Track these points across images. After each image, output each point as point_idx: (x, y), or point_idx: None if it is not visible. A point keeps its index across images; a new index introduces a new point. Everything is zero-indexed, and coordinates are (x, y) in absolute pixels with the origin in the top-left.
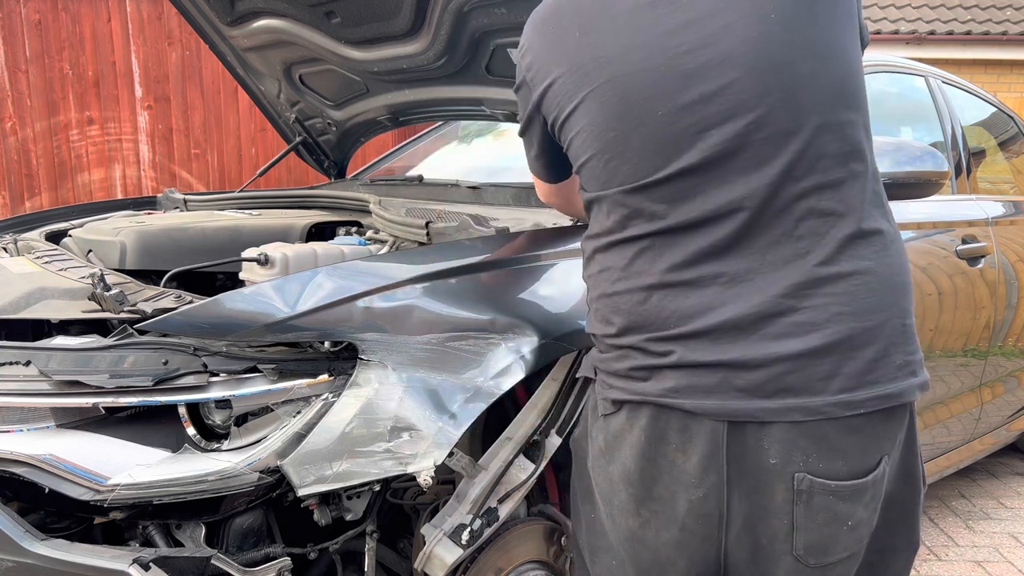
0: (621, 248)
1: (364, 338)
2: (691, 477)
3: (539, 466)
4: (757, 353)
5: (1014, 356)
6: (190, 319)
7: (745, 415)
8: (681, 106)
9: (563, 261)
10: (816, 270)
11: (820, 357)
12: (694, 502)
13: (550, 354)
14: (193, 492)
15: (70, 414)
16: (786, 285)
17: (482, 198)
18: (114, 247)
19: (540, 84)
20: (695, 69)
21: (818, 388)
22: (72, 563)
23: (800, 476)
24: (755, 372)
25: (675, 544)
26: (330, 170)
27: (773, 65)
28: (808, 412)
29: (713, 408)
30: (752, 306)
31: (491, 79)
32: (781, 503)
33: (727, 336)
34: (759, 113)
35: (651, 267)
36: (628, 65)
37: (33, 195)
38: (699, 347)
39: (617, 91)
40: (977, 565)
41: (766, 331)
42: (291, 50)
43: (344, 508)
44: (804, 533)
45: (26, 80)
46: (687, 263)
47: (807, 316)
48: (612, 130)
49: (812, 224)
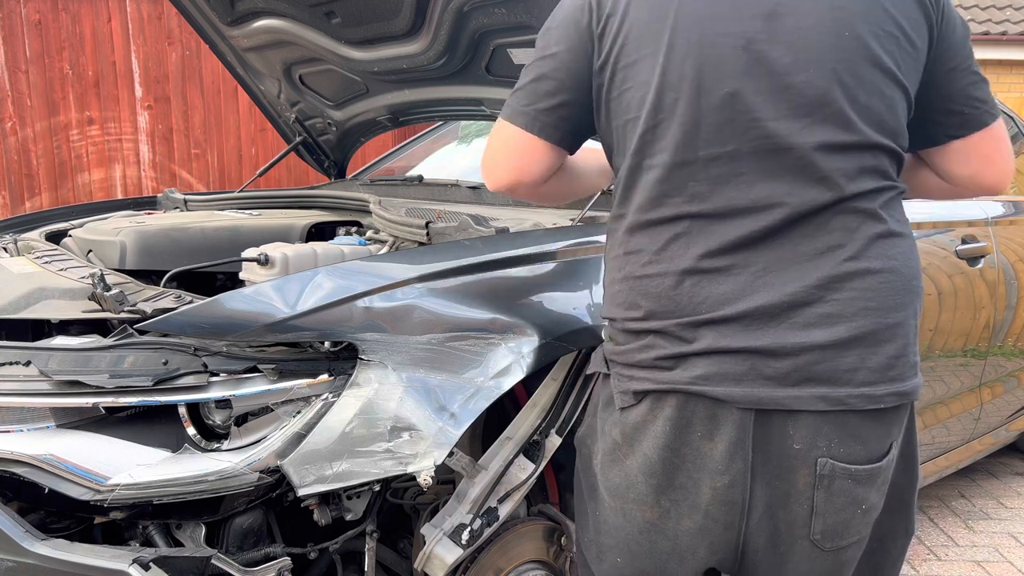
0: (654, 230)
1: (364, 338)
2: (717, 464)
3: (539, 466)
4: (786, 341)
5: (1014, 356)
6: (190, 319)
7: (773, 403)
8: (748, 91)
9: (563, 261)
10: (846, 264)
11: (846, 349)
12: (719, 489)
13: (550, 354)
14: (193, 492)
15: (70, 414)
16: (817, 277)
17: (482, 198)
18: (114, 247)
19: (612, 13)
20: (770, 60)
21: (843, 379)
22: (72, 563)
23: (823, 461)
24: (783, 360)
25: (697, 532)
26: (330, 170)
27: (839, 80)
28: (832, 402)
29: (742, 395)
30: (784, 295)
31: (491, 79)
32: (803, 488)
33: (757, 323)
34: (815, 118)
35: (685, 252)
36: (710, 35)
37: (33, 195)
38: (729, 333)
39: (692, 54)
40: (977, 565)
41: (795, 320)
42: (291, 50)
43: (344, 508)
44: (823, 517)
45: (26, 80)
46: (722, 250)
47: (835, 308)
48: (675, 92)
49: (845, 220)
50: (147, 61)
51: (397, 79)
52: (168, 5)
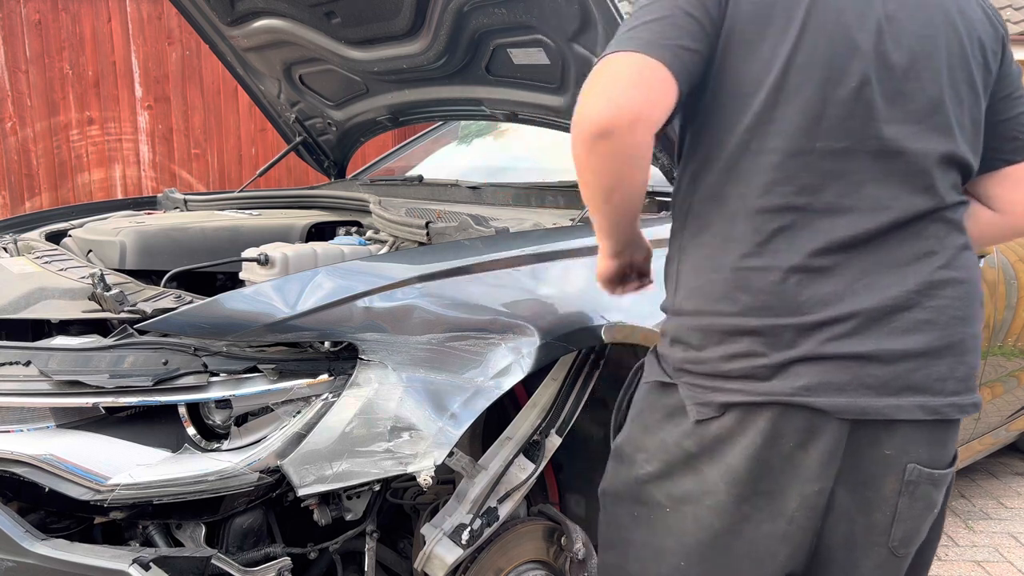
0: (758, 218)
1: (364, 338)
2: (809, 472)
3: (539, 466)
4: (888, 347)
5: (1014, 356)
6: (190, 319)
7: (875, 413)
8: (873, 88)
9: (563, 261)
10: (939, 272)
11: (938, 357)
12: (808, 496)
13: (550, 354)
14: (193, 492)
15: (70, 414)
16: (915, 282)
17: (482, 198)
18: (114, 247)
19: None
20: (892, 60)
21: (936, 388)
22: (72, 563)
23: (911, 467)
24: (883, 368)
25: (780, 537)
26: (330, 170)
27: (947, 92)
28: (929, 411)
29: (845, 406)
30: (886, 298)
31: (491, 79)
32: (889, 495)
33: (862, 327)
34: (925, 126)
35: (791, 246)
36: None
37: (33, 195)
38: (833, 337)
39: (824, 40)
40: (977, 565)
41: (896, 325)
42: (291, 50)
43: (344, 508)
44: (903, 524)
45: (26, 80)
46: (828, 249)
47: (930, 314)
48: (802, 75)
49: (937, 229)
50: (147, 61)
51: (397, 79)
52: (168, 5)
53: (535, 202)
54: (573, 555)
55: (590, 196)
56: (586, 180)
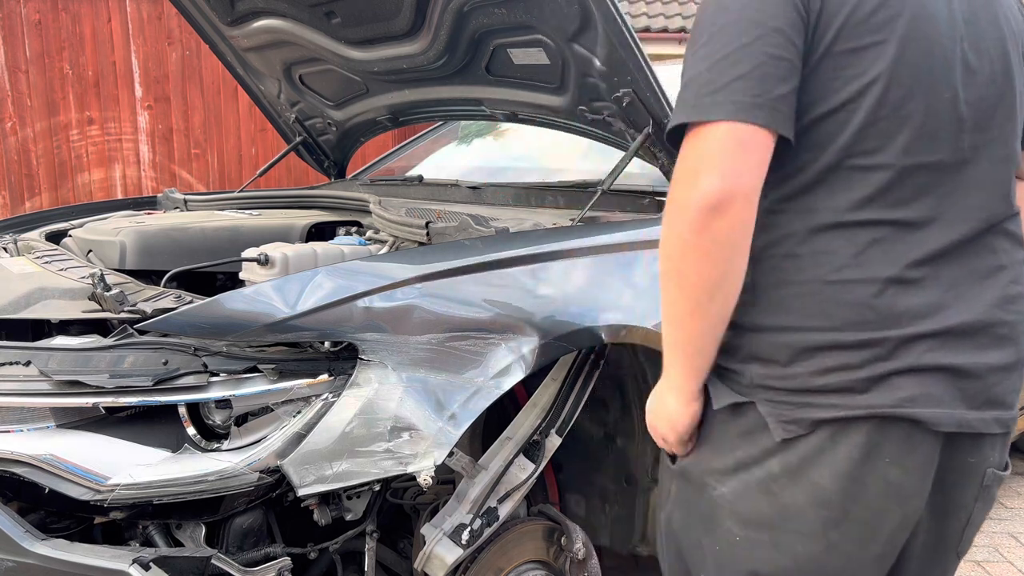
0: (852, 232)
1: (364, 338)
2: (908, 490)
3: (539, 466)
4: (977, 360)
5: None
6: (190, 319)
7: (967, 426)
8: (961, 98)
9: (563, 261)
10: (1011, 287)
11: (1011, 371)
12: (908, 515)
13: (550, 354)
14: (193, 492)
15: (70, 414)
16: (993, 296)
17: (482, 198)
18: (114, 247)
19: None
20: (972, 67)
21: (1009, 402)
22: (72, 563)
23: (990, 472)
24: (974, 382)
25: (873, 559)
26: (330, 170)
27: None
28: (1003, 424)
29: (947, 418)
30: (976, 313)
31: (491, 79)
32: (967, 501)
33: (955, 340)
34: (995, 134)
35: (885, 258)
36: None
37: (33, 195)
38: (931, 349)
39: (924, 52)
40: (977, 565)
41: (982, 339)
42: (291, 50)
43: (344, 508)
44: (973, 527)
45: (26, 80)
46: (921, 261)
47: (1008, 330)
48: (903, 89)
49: (1004, 243)
50: (147, 61)
51: (397, 79)
52: (168, 5)
53: (535, 202)
54: (573, 555)
55: (690, 293)
56: (688, 271)
